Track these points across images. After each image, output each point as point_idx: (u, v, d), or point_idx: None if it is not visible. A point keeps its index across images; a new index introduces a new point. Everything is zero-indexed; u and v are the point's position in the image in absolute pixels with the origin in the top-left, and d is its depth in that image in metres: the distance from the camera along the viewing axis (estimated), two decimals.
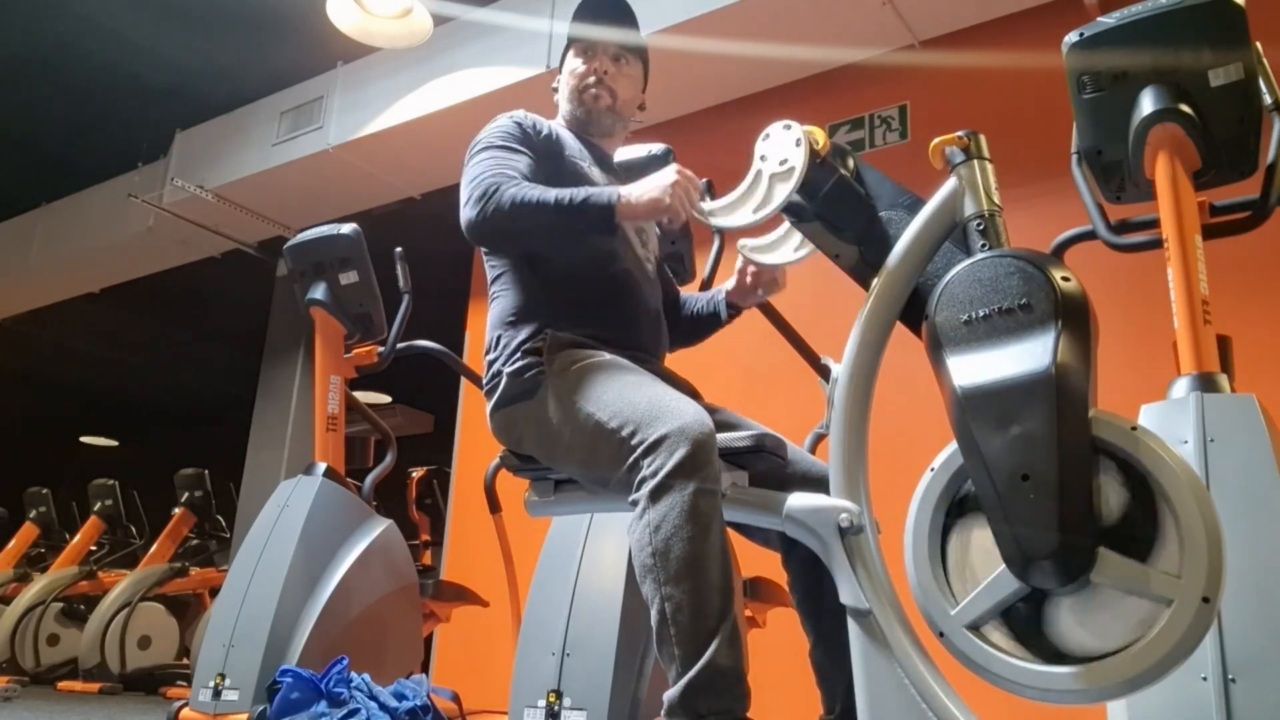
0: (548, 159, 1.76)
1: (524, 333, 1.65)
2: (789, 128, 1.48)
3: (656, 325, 1.81)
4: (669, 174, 1.53)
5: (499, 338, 1.69)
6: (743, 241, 1.75)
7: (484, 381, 1.69)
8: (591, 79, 1.86)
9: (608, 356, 1.59)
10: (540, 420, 1.57)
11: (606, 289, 1.72)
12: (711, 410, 1.65)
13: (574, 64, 1.89)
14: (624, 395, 1.47)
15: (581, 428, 1.49)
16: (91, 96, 5.13)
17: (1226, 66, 1.76)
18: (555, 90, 1.95)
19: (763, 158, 1.48)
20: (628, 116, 1.92)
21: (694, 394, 1.73)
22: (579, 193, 1.55)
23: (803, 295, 1.92)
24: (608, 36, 1.88)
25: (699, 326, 1.96)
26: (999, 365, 1.22)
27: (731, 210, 1.51)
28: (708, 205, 1.53)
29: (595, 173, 1.83)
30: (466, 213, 1.63)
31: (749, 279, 1.85)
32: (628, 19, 1.89)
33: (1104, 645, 1.17)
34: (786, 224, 1.67)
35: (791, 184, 1.44)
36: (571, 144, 1.83)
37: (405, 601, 2.85)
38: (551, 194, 1.55)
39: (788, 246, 1.72)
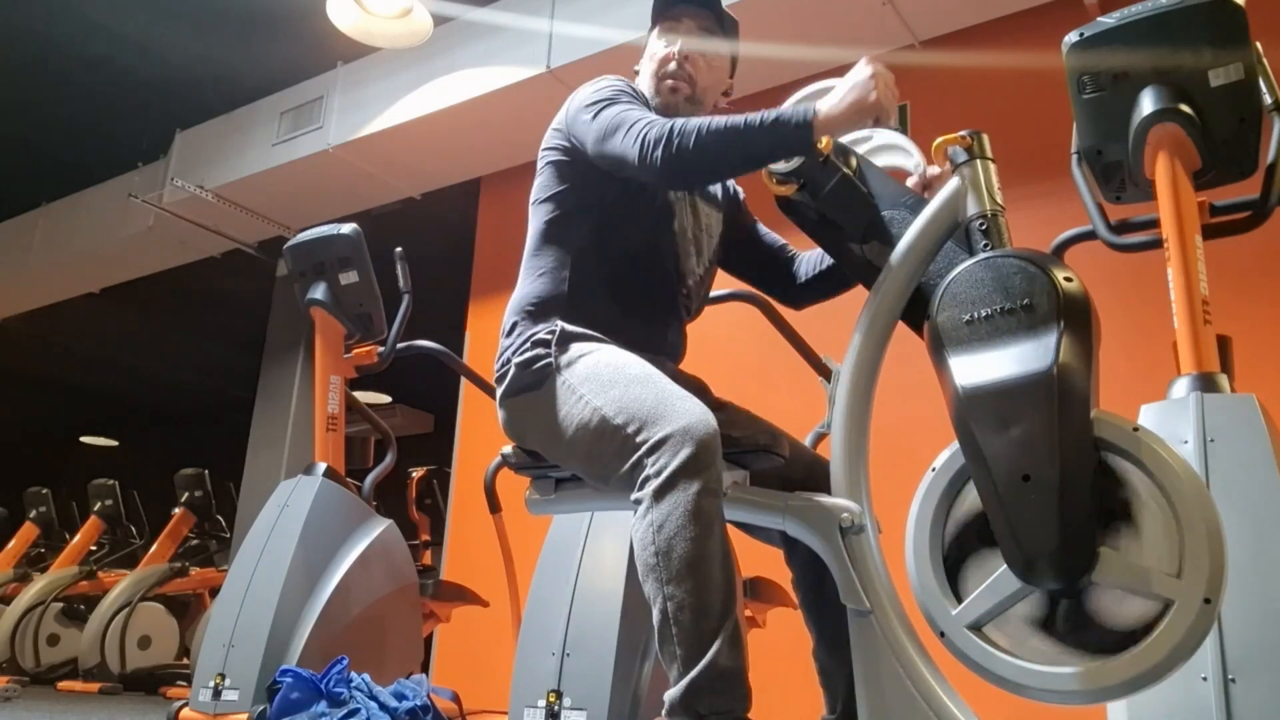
0: None
1: (539, 324, 1.63)
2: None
3: (676, 334, 1.78)
4: (863, 69, 1.42)
5: (515, 325, 1.66)
6: (914, 162, 1.62)
7: (495, 369, 1.68)
8: (672, 65, 1.76)
9: (616, 350, 1.57)
10: (546, 413, 1.56)
11: (632, 292, 1.69)
12: (718, 406, 1.64)
13: (655, 46, 1.79)
14: (630, 391, 1.46)
15: (586, 422, 1.49)
16: (91, 96, 5.13)
17: (1226, 66, 1.76)
18: (638, 72, 1.84)
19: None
20: (708, 105, 1.82)
21: (703, 389, 1.72)
22: (769, 113, 1.46)
23: None
24: (695, 16, 1.78)
25: (829, 281, 1.83)
26: (1001, 365, 1.22)
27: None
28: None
29: None
30: (654, 153, 1.49)
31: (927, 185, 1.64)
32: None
33: (1104, 647, 1.17)
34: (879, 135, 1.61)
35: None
36: None
37: (405, 601, 2.85)
38: (741, 118, 1.47)
39: (897, 145, 1.65)
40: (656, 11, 1.82)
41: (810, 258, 1.85)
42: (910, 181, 1.61)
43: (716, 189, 1.88)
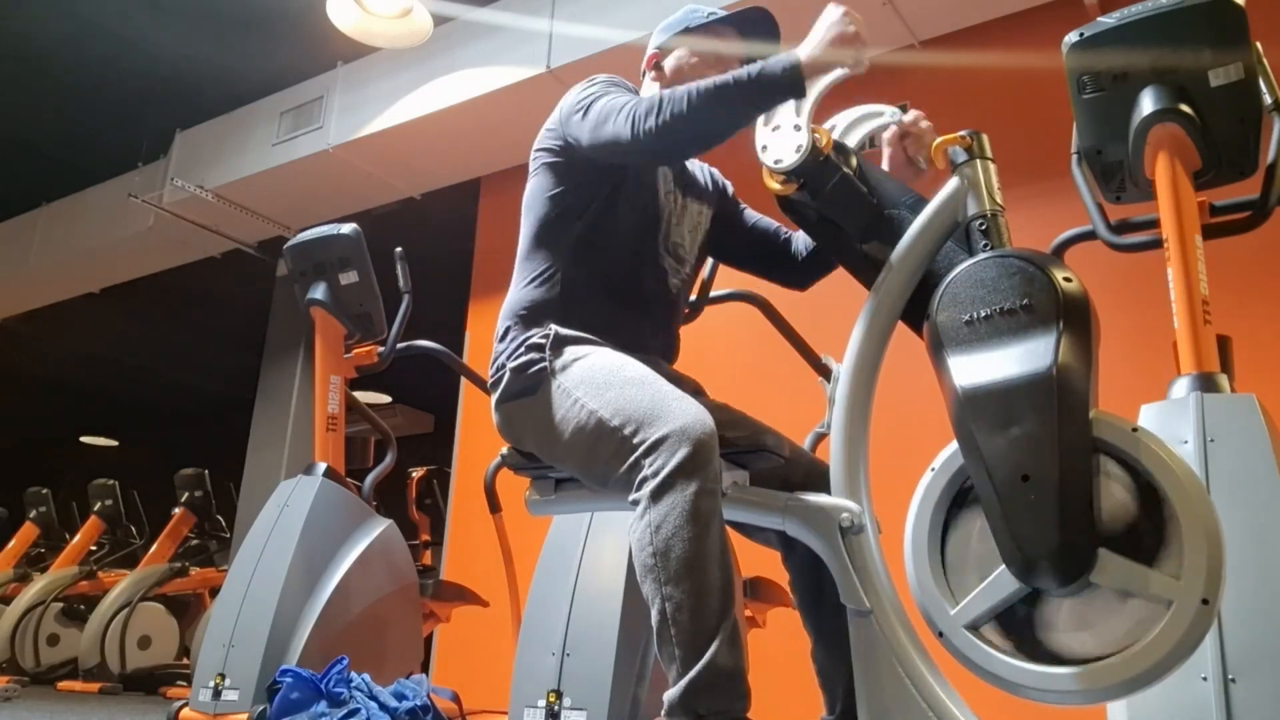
0: None
1: (532, 329, 1.63)
2: (779, 127, 1.47)
3: (668, 335, 1.78)
4: (834, 10, 1.46)
5: (508, 330, 1.66)
6: (869, 122, 1.63)
7: (489, 374, 1.68)
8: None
9: (611, 352, 1.57)
10: (542, 417, 1.56)
11: (624, 296, 1.69)
12: (716, 407, 1.64)
13: (704, 66, 1.75)
14: (626, 393, 1.46)
15: (583, 425, 1.49)
16: (91, 96, 5.13)
17: (1226, 66, 1.76)
18: (652, 74, 1.82)
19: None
20: None
21: (698, 391, 1.72)
22: (752, 67, 1.47)
23: (803, 294, 1.91)
24: (760, 53, 1.76)
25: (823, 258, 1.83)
26: (1000, 365, 1.22)
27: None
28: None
29: (668, 177, 1.78)
30: (644, 125, 1.49)
31: (905, 146, 1.64)
32: (775, 39, 1.80)
33: (1103, 648, 1.17)
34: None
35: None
36: None
37: (405, 601, 2.85)
38: (727, 75, 1.47)
39: (865, 114, 1.65)
40: (702, 22, 1.79)
41: (804, 236, 1.84)
42: (887, 136, 1.62)
43: (705, 183, 1.88)
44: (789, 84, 1.45)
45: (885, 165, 1.65)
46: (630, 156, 1.60)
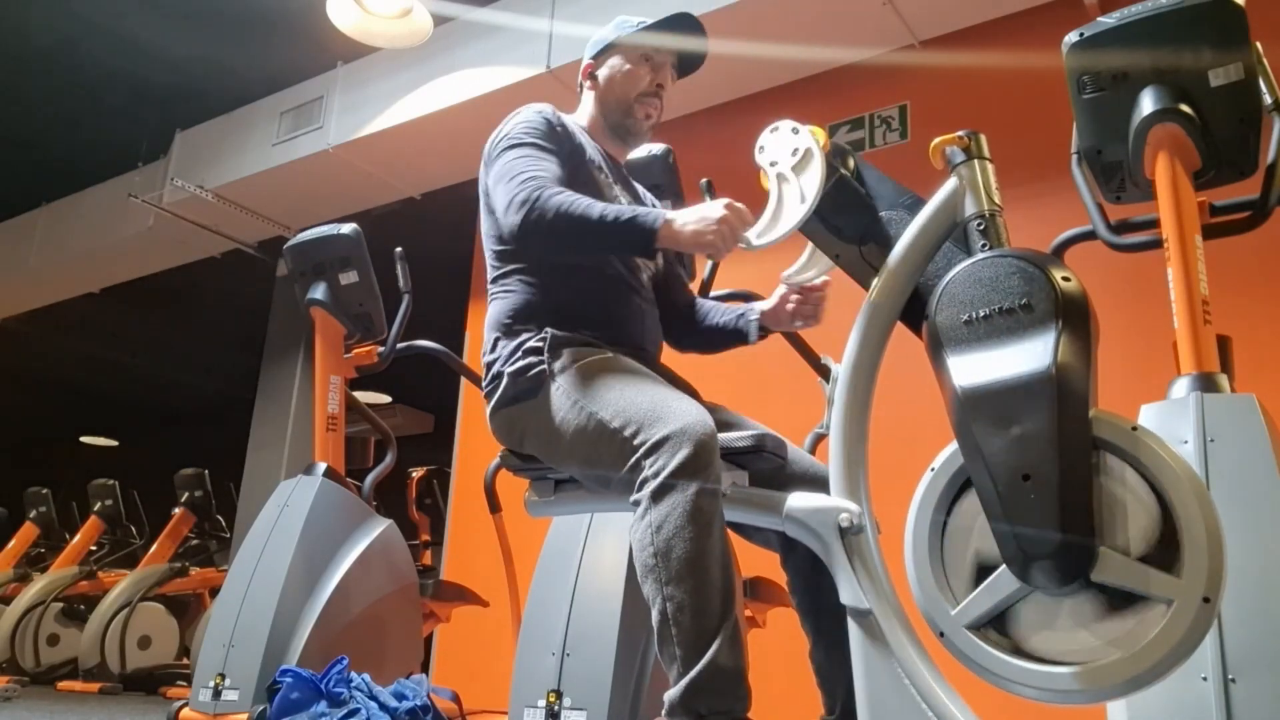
0: (569, 162, 1.72)
1: (524, 334, 1.64)
2: (776, 128, 1.48)
3: (654, 327, 1.81)
4: (717, 209, 1.49)
5: (497, 340, 1.69)
6: (785, 273, 1.70)
7: (484, 384, 1.69)
8: (655, 99, 1.84)
9: (610, 355, 1.58)
10: (542, 419, 1.57)
11: (604, 291, 1.72)
12: (711, 409, 1.65)
13: (634, 68, 1.83)
14: (626, 395, 1.47)
15: (584, 427, 1.49)
16: (91, 96, 5.13)
17: (1226, 66, 1.76)
18: (587, 85, 1.89)
19: (773, 163, 1.47)
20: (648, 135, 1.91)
21: (693, 394, 1.73)
22: (624, 211, 1.52)
23: None
24: (688, 47, 1.85)
25: (719, 339, 1.91)
26: (1000, 365, 1.22)
27: (774, 223, 1.47)
28: (749, 232, 1.49)
29: (611, 183, 1.81)
30: (511, 217, 1.58)
31: (789, 307, 1.78)
32: (702, 37, 1.86)
33: (1103, 647, 1.17)
34: (811, 245, 1.63)
35: (816, 164, 1.43)
36: (591, 150, 1.81)
37: (405, 601, 2.85)
38: (597, 208, 1.52)
39: (822, 261, 1.67)
40: (647, 41, 1.84)
41: (712, 309, 1.93)
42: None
43: (647, 198, 1.96)
44: (643, 245, 1.53)
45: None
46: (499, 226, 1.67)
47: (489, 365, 1.68)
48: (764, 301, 1.85)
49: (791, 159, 1.46)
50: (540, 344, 1.60)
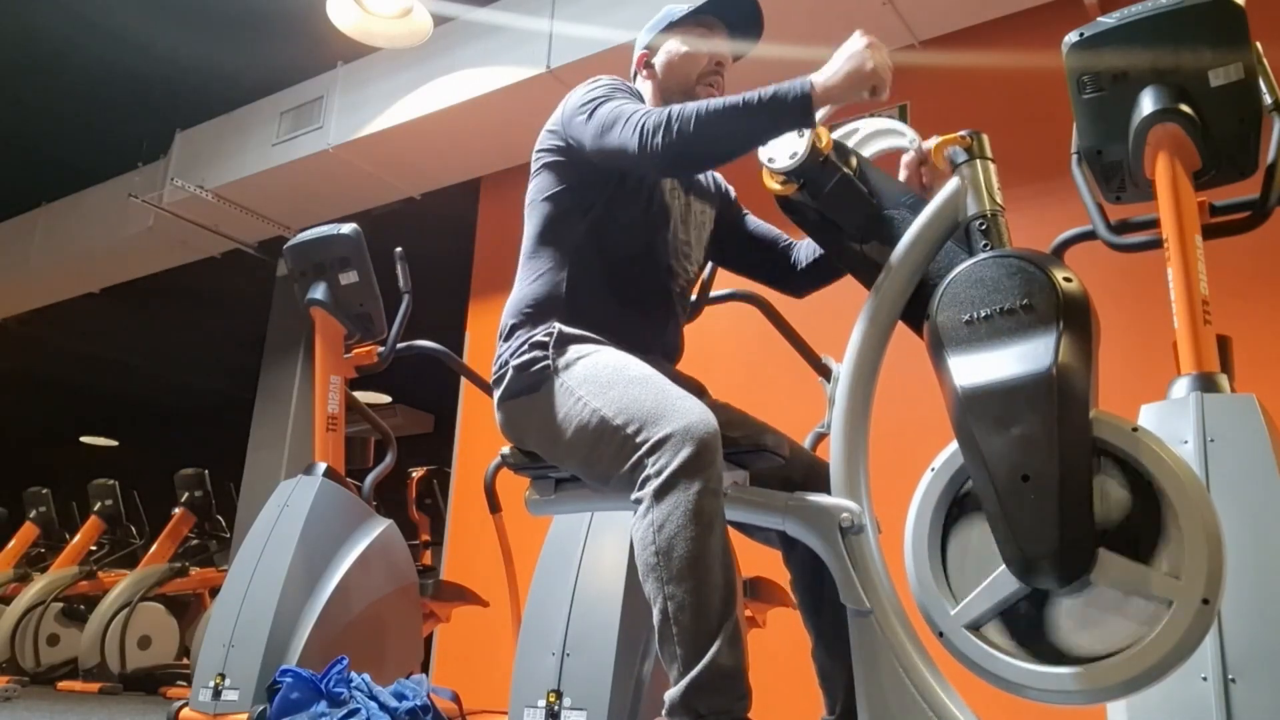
0: None
1: (536, 327, 1.63)
2: None
3: (673, 334, 1.78)
4: (858, 40, 1.43)
5: (513, 328, 1.66)
6: (909, 139, 1.60)
7: (492, 372, 1.68)
8: (717, 76, 1.78)
9: (614, 351, 1.57)
10: (545, 415, 1.56)
11: (631, 294, 1.69)
12: (716, 407, 1.64)
13: (692, 49, 1.77)
14: (629, 392, 1.46)
15: (586, 424, 1.49)
16: (91, 96, 5.13)
17: (1226, 66, 1.76)
18: (644, 74, 1.83)
19: (770, 160, 1.49)
20: None
21: (700, 390, 1.72)
22: (766, 90, 1.45)
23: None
24: (742, 19, 1.79)
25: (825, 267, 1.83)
26: (1000, 365, 1.22)
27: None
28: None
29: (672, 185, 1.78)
30: (652, 140, 1.48)
31: (922, 173, 1.60)
32: (755, 10, 1.81)
33: (1103, 648, 1.17)
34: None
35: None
36: None
37: (405, 601, 2.85)
38: (734, 98, 1.46)
39: (887, 129, 1.63)
40: (684, 14, 1.80)
41: (806, 245, 1.85)
42: (906, 159, 1.60)
43: (709, 185, 1.89)
44: (800, 112, 1.45)
45: None
46: (635, 168, 1.61)
47: (499, 354, 1.66)
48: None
49: (789, 161, 1.47)
50: (547, 339, 1.59)
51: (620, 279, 1.69)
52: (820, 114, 1.46)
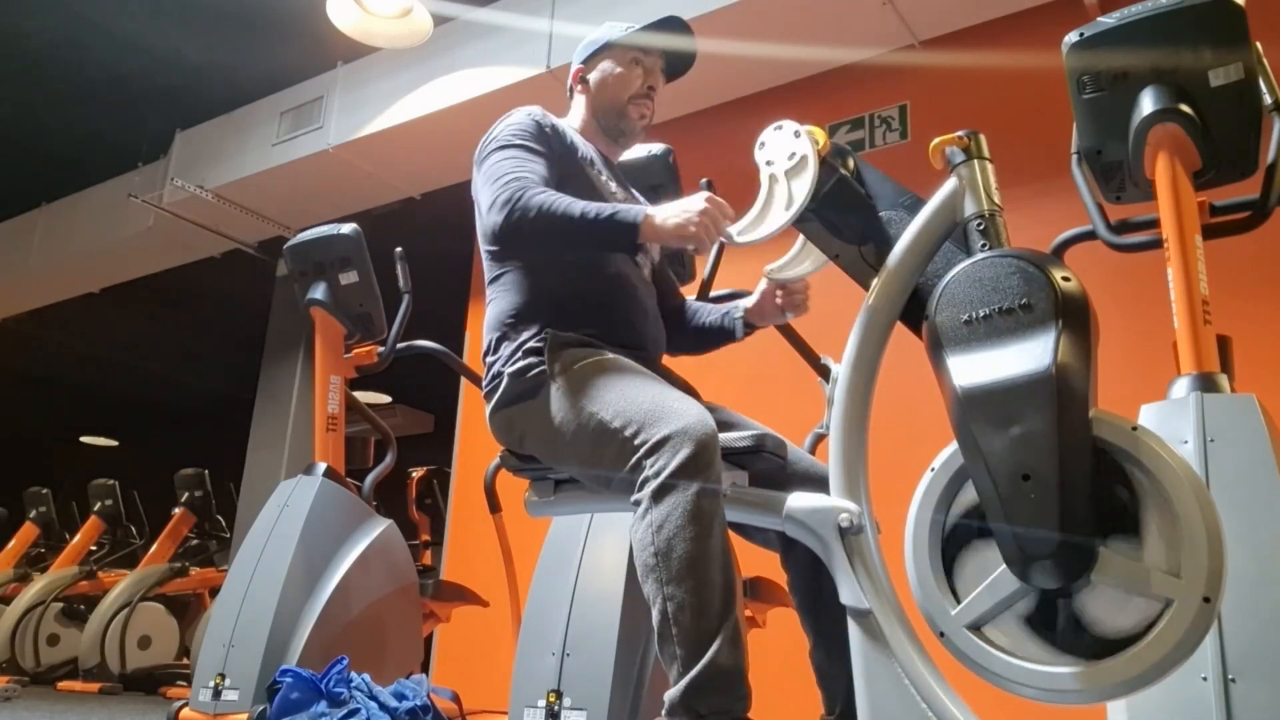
0: (561, 161, 1.73)
1: (524, 334, 1.64)
2: (780, 127, 1.48)
3: (655, 324, 1.80)
4: (698, 202, 1.50)
5: (498, 340, 1.68)
6: (768, 267, 1.71)
7: (484, 384, 1.69)
8: (647, 100, 1.85)
9: (610, 355, 1.58)
10: (543, 420, 1.57)
11: (605, 289, 1.72)
12: (711, 409, 1.65)
13: (626, 71, 1.84)
14: (627, 395, 1.47)
15: (584, 427, 1.49)
16: (91, 96, 5.13)
17: (1226, 66, 1.76)
18: (578, 89, 1.90)
19: (769, 162, 1.47)
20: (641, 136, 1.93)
21: (692, 394, 1.73)
22: (605, 208, 1.53)
23: None
24: (680, 46, 1.86)
25: (707, 338, 1.92)
26: (999, 365, 1.22)
27: (759, 222, 1.48)
28: (733, 228, 1.50)
29: (607, 180, 1.82)
30: (493, 217, 1.59)
31: (777, 300, 1.79)
32: (690, 38, 1.87)
33: (1103, 647, 1.17)
34: (802, 238, 1.64)
35: (809, 173, 1.43)
36: (584, 148, 1.81)
37: (405, 601, 2.85)
38: (578, 206, 1.53)
39: (809, 259, 1.68)
40: (637, 41, 1.84)
41: (699, 309, 1.94)
42: (761, 287, 1.79)
43: (640, 201, 1.95)
44: (628, 242, 1.53)
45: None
46: (484, 222, 1.67)
47: (489, 365, 1.68)
48: (748, 298, 1.86)
49: (787, 162, 1.46)
50: (540, 344, 1.60)
51: (593, 275, 1.71)
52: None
